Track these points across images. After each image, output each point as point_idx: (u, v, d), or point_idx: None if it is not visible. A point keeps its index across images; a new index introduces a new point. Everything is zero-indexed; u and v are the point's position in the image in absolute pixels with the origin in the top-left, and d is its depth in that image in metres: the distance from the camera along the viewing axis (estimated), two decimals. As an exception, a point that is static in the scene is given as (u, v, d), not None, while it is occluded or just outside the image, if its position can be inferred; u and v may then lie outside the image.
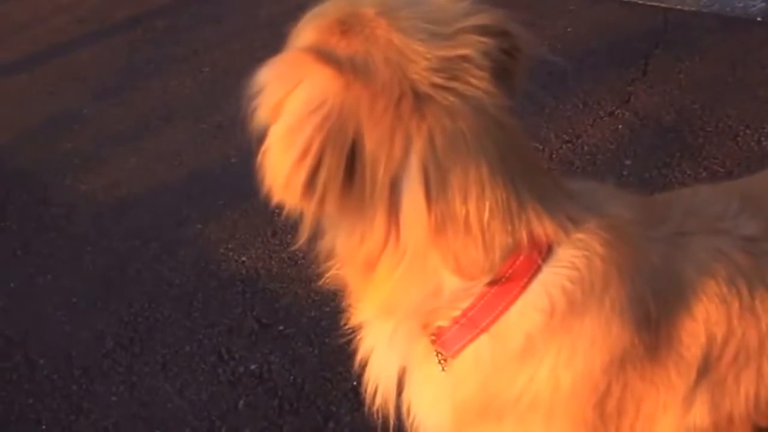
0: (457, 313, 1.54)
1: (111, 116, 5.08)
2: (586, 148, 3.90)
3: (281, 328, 3.26)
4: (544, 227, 1.51)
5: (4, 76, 5.93)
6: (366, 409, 1.84)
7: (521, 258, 1.51)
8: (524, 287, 1.52)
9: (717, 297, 1.61)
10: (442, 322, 1.57)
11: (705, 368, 1.62)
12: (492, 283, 1.51)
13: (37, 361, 3.37)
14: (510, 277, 1.51)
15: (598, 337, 1.54)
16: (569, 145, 3.93)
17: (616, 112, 4.10)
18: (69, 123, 5.08)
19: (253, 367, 3.14)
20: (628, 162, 3.73)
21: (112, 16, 6.59)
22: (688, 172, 3.57)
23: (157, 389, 3.14)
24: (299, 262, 3.47)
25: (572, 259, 1.53)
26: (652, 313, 1.57)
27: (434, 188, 1.41)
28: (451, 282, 1.50)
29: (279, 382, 3.06)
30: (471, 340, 1.56)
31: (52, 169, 4.64)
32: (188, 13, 6.36)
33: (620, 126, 4.01)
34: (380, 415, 1.80)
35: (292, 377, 3.06)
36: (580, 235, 1.55)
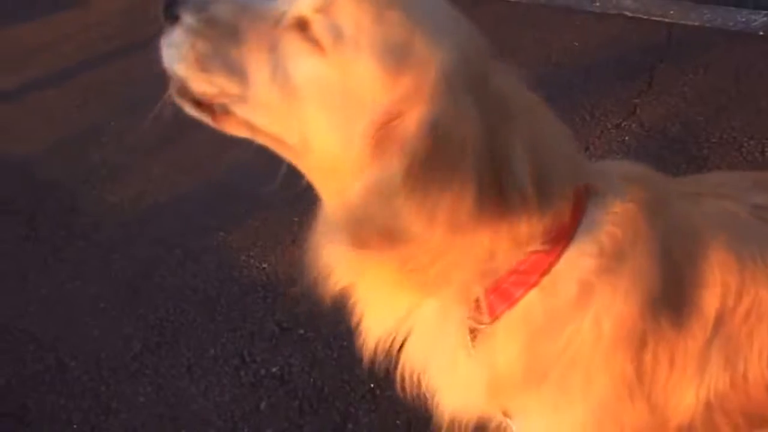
0: (504, 275, 1.58)
1: (136, 129, 5.10)
2: (593, 159, 3.88)
3: (301, 332, 3.33)
4: (584, 182, 1.62)
5: (34, 91, 6.00)
6: (383, 410, 1.89)
7: (567, 212, 1.58)
8: (571, 237, 1.59)
9: (732, 253, 1.67)
10: (486, 288, 1.60)
11: (719, 323, 1.66)
12: (542, 242, 1.56)
13: (68, 364, 3.46)
14: (557, 231, 1.57)
15: (636, 279, 1.59)
16: (577, 155, 3.98)
17: (622, 124, 4.18)
18: (96, 136, 5.18)
19: (274, 369, 3.22)
20: None
21: (137, 34, 6.60)
22: None
23: (183, 390, 3.22)
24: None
25: (609, 205, 1.61)
26: (677, 261, 1.64)
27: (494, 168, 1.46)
28: (502, 251, 1.53)
29: (299, 384, 3.13)
30: (519, 299, 1.60)
31: (80, 179, 4.71)
32: (211, 25, 6.45)
33: (627, 137, 4.09)
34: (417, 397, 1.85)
35: (312, 379, 3.13)
36: (612, 186, 1.64)
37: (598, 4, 5.39)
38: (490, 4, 5.72)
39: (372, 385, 3.00)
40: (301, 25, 1.54)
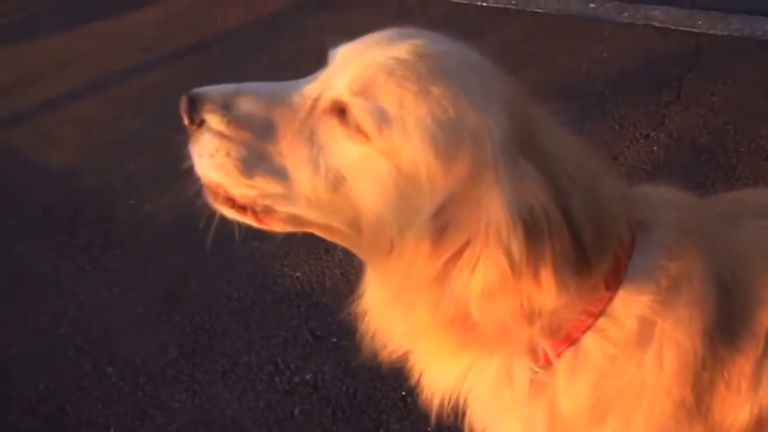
0: (566, 322, 1.55)
1: (172, 140, 5.14)
2: (622, 169, 3.98)
3: (334, 340, 3.37)
4: (633, 217, 1.59)
5: (72, 102, 6.08)
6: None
7: (621, 251, 1.55)
8: (624, 273, 1.56)
9: None
10: (548, 338, 1.56)
11: None
12: (606, 280, 1.54)
13: (105, 369, 3.52)
14: (612, 270, 1.54)
15: (693, 309, 1.58)
16: (606, 166, 4.00)
17: (651, 134, 4.20)
18: (132, 146, 5.23)
19: (307, 376, 3.26)
20: (663, 182, 3.75)
21: (172, 45, 6.72)
22: (722, 191, 3.63)
23: (218, 397, 3.27)
24: (351, 278, 3.52)
25: (660, 237, 1.60)
26: (728, 285, 1.63)
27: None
28: (567, 304, 1.47)
29: (332, 391, 3.17)
30: (579, 341, 1.57)
31: (117, 189, 4.78)
32: (244, 41, 6.53)
33: (655, 147, 4.11)
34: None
35: (344, 387, 3.17)
36: (659, 217, 1.63)
37: (626, 14, 5.43)
38: (520, 16, 5.78)
39: (403, 393, 3.03)
40: (339, 110, 1.47)
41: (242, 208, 1.57)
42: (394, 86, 1.41)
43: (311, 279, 3.70)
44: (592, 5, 5.68)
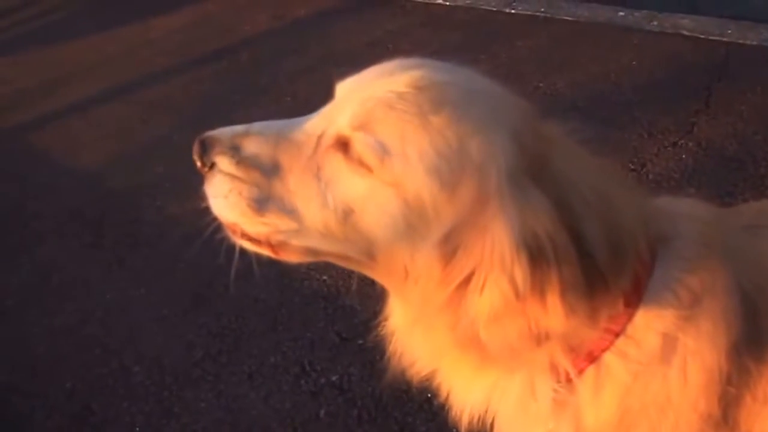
0: (587, 340, 1.55)
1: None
2: (651, 176, 3.98)
3: (360, 342, 3.36)
4: (653, 231, 1.58)
5: (100, 105, 6.13)
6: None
7: (641, 267, 1.54)
8: (645, 289, 1.55)
9: None
10: (569, 356, 1.56)
11: None
12: (625, 298, 1.54)
13: (131, 368, 3.53)
14: (633, 286, 1.54)
15: (717, 323, 1.56)
16: (634, 173, 4.00)
17: (679, 143, 4.18)
18: (160, 149, 5.27)
19: (334, 378, 3.26)
20: (691, 190, 3.77)
21: (199, 49, 6.77)
22: (751, 201, 3.61)
23: (243, 397, 3.27)
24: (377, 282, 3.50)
25: (681, 252, 1.59)
26: (752, 297, 1.61)
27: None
28: (587, 323, 1.49)
29: (358, 393, 3.17)
30: (601, 358, 1.57)
31: (145, 191, 4.80)
32: (270, 45, 6.57)
33: (684, 156, 4.09)
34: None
35: (370, 389, 3.16)
36: (681, 230, 1.62)
37: (656, 23, 5.42)
38: (549, 24, 5.77)
39: (429, 395, 2.99)
40: (342, 145, 1.49)
41: (259, 242, 1.59)
42: (395, 119, 1.43)
43: (338, 281, 3.70)
44: (621, 13, 5.67)
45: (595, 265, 1.43)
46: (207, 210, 1.62)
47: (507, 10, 6.19)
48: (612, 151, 4.16)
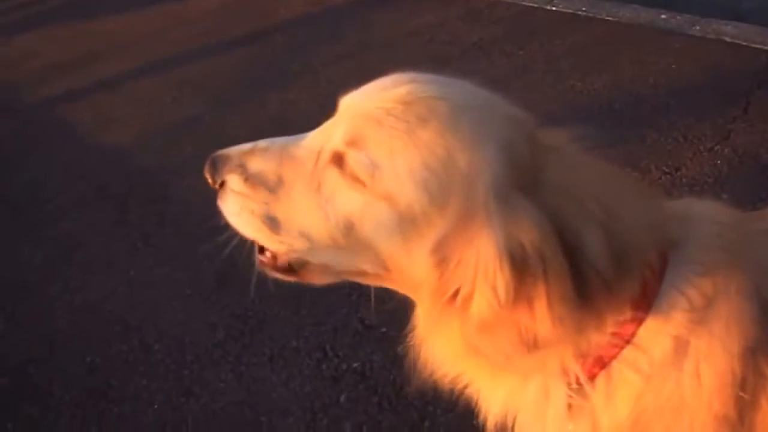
0: (597, 345, 1.56)
1: (229, 123, 5.23)
2: (684, 180, 3.93)
3: (384, 330, 3.33)
4: (665, 236, 1.57)
5: (131, 82, 6.13)
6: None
7: (650, 273, 1.54)
8: (657, 293, 1.55)
9: None
10: (581, 361, 1.57)
11: None
12: (633, 303, 1.53)
13: (152, 346, 3.52)
14: (644, 291, 1.54)
15: (730, 326, 1.54)
16: (669, 176, 3.96)
17: (715, 148, 4.12)
18: (190, 128, 5.27)
19: (355, 365, 3.23)
20: (725, 196, 3.72)
21: (232, 31, 6.78)
22: None
23: (264, 379, 3.25)
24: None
25: (694, 255, 1.57)
26: (766, 299, 1.59)
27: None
28: (593, 329, 1.51)
29: (379, 380, 3.14)
30: (613, 362, 1.57)
31: (173, 169, 4.79)
32: (307, 30, 6.56)
33: (719, 161, 4.03)
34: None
35: (392, 377, 3.13)
36: (695, 234, 1.60)
37: (698, 28, 5.35)
38: (590, 23, 5.73)
39: (450, 387, 2.98)
40: (338, 161, 1.53)
41: (285, 270, 1.70)
42: (383, 135, 1.46)
43: (364, 268, 3.63)
44: (663, 16, 5.60)
45: (597, 273, 1.43)
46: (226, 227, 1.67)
47: (548, 8, 6.15)
48: (647, 152, 4.14)
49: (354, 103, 1.57)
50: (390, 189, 1.45)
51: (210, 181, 1.64)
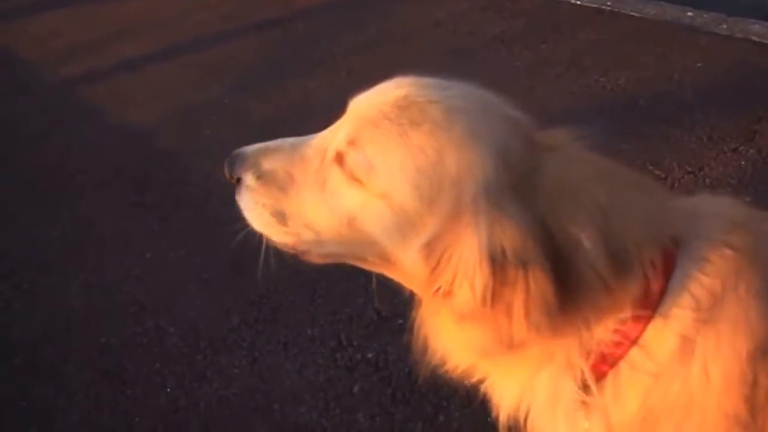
0: (603, 343, 1.57)
1: (249, 109, 5.23)
2: (707, 180, 3.90)
3: (400, 321, 3.29)
4: (671, 234, 1.57)
5: (151, 64, 6.13)
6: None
7: (655, 272, 1.54)
8: (664, 292, 1.55)
9: None
10: (588, 358, 1.59)
11: None
12: (636, 302, 1.54)
13: (166, 330, 3.52)
14: (650, 290, 1.55)
15: (740, 324, 1.55)
16: (691, 176, 3.94)
17: (739, 149, 4.09)
18: (210, 112, 5.26)
19: (370, 355, 3.22)
20: (747, 198, 3.60)
21: (254, 16, 6.77)
22: None
23: (278, 367, 3.24)
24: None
25: (702, 253, 1.58)
26: None
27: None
28: (594, 327, 1.54)
29: (394, 372, 3.12)
30: (621, 360, 1.58)
31: (192, 152, 4.78)
32: (328, 18, 6.54)
33: (743, 162, 4.00)
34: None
35: (407, 369, 3.11)
36: (704, 231, 1.60)
37: (725, 26, 5.31)
38: (615, 18, 5.70)
39: (465, 382, 2.97)
40: (340, 160, 1.61)
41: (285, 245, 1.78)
42: (379, 137, 1.55)
43: (381, 259, 3.62)
44: (690, 14, 5.56)
45: (595, 272, 1.46)
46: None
47: (572, 1, 6.11)
48: (670, 151, 4.11)
49: (359, 104, 1.65)
50: (384, 188, 1.54)
51: (228, 177, 1.76)
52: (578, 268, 1.45)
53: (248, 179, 1.72)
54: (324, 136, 1.69)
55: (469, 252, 1.45)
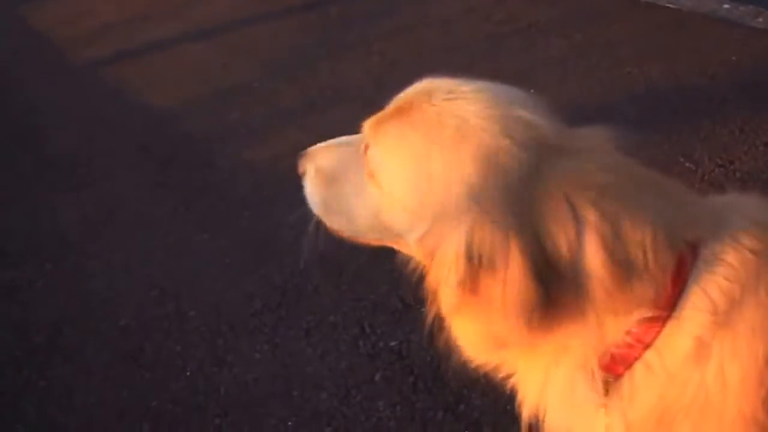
0: (615, 344, 1.57)
1: (279, 92, 5.21)
2: (738, 174, 3.85)
3: (423, 310, 3.26)
4: (690, 237, 1.55)
5: (181, 45, 6.14)
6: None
7: (668, 275, 1.53)
8: (680, 294, 1.54)
9: None
10: (601, 359, 1.59)
11: None
12: (648, 308, 1.53)
13: (187, 313, 3.49)
14: (664, 292, 1.53)
15: (757, 326, 1.53)
16: (722, 169, 3.88)
17: (771, 143, 4.04)
18: (239, 94, 5.23)
19: (392, 343, 3.18)
20: None
21: (288, 0, 6.76)
22: None
23: (299, 353, 3.20)
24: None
25: (721, 255, 1.55)
26: None
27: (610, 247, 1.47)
28: (600, 331, 1.54)
29: (416, 360, 3.08)
30: (635, 362, 1.57)
31: (218, 135, 4.76)
32: (361, 3, 6.51)
33: (774, 158, 3.95)
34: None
35: (429, 358, 3.07)
36: (725, 233, 1.57)
37: (760, 20, 5.23)
38: (651, 9, 5.64)
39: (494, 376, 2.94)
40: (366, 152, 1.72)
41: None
42: (384, 137, 1.65)
43: (408, 247, 3.59)
44: (726, 6, 5.49)
45: (596, 279, 1.47)
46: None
47: (608, -8, 6.04)
48: (701, 143, 4.05)
49: (395, 100, 1.73)
50: (389, 185, 1.63)
51: (301, 170, 1.86)
52: (574, 274, 1.47)
53: (310, 172, 1.84)
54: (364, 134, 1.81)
55: (448, 251, 1.50)
